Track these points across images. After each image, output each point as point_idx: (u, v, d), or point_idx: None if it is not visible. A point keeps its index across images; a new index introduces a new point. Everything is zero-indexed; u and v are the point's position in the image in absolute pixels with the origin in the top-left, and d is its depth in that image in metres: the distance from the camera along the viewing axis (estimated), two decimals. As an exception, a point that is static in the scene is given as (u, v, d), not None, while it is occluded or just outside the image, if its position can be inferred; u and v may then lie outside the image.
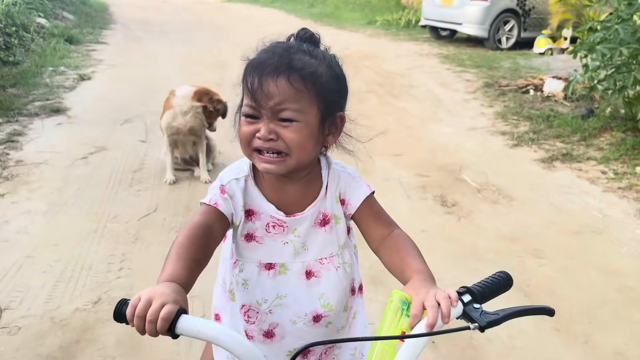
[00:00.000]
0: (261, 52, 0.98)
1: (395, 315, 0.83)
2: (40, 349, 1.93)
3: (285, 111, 0.92)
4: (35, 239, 2.68)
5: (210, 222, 0.97)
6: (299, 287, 1.04)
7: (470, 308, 0.85)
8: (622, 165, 4.00)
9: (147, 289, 0.77)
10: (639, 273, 2.63)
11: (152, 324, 0.74)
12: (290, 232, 1.04)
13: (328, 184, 1.05)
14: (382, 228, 1.03)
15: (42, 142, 3.98)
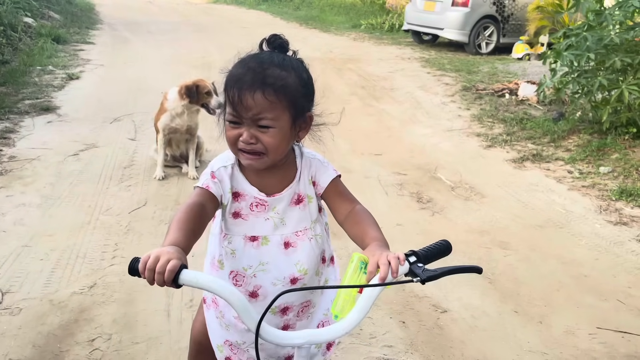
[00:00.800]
0: (237, 66, 1.15)
1: (355, 273, 1.02)
2: (41, 327, 2.10)
3: (263, 120, 1.11)
4: (31, 230, 2.83)
5: (204, 202, 1.16)
6: (278, 256, 1.24)
7: (415, 267, 1.04)
8: (587, 165, 4.27)
9: (155, 249, 0.95)
10: (594, 263, 2.88)
11: (160, 275, 0.92)
12: (271, 210, 1.24)
13: (301, 169, 1.25)
14: (346, 204, 1.23)
15: (34, 139, 4.12)
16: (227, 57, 1.32)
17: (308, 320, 1.33)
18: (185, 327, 2.12)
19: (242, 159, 1.17)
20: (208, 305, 1.35)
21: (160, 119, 3.67)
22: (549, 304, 2.48)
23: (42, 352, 1.96)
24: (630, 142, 4.48)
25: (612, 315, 2.40)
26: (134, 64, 7.19)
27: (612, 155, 4.35)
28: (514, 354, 2.12)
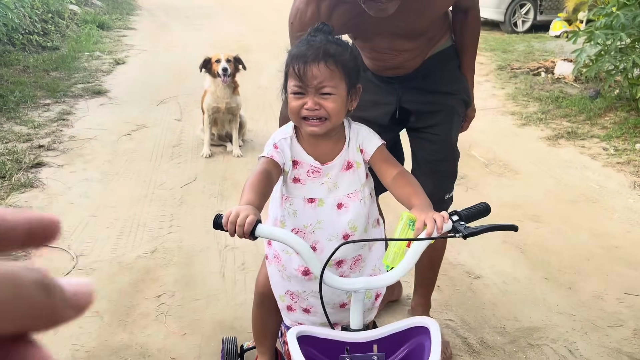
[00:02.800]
0: (298, 46, 1.32)
1: (404, 229, 1.16)
2: (113, 285, 2.37)
3: (325, 87, 1.28)
4: (96, 202, 3.12)
5: (269, 168, 1.33)
6: (332, 215, 1.40)
7: (457, 224, 1.17)
8: (623, 142, 4.29)
9: (235, 206, 1.13)
10: (625, 235, 2.97)
11: (241, 228, 1.08)
12: (325, 175, 1.40)
13: (350, 138, 1.41)
14: (391, 168, 1.38)
15: (90, 121, 4.43)
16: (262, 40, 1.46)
17: (360, 272, 1.47)
18: (239, 286, 2.36)
19: (305, 126, 1.32)
20: (270, 261, 1.49)
21: (204, 100, 3.92)
22: (578, 272, 2.61)
23: (116, 306, 2.23)
24: (667, 120, 4.48)
25: (604, 280, 2.52)
26: (174, 48, 7.47)
27: (650, 133, 4.36)
28: (542, 315, 2.27)
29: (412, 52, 1.75)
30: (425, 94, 1.81)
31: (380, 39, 1.70)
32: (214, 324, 2.14)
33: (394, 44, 1.70)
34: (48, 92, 5.01)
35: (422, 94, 1.82)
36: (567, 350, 2.06)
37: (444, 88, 1.82)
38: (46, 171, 3.47)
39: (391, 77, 1.82)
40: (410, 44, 1.72)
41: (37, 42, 6.67)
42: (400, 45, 1.71)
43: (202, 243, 2.71)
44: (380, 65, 1.80)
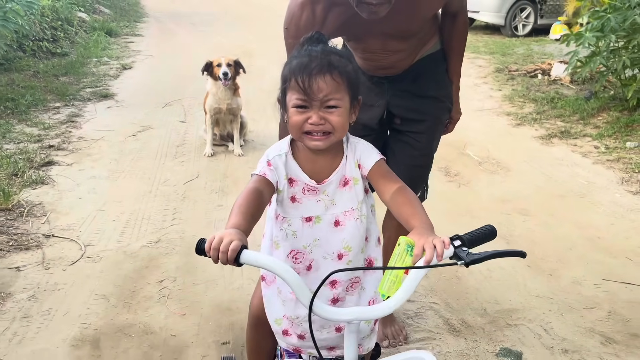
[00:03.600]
0: (297, 57, 1.26)
1: (401, 255, 1.08)
2: (119, 271, 2.54)
3: (331, 100, 1.23)
4: (103, 197, 3.30)
5: (261, 188, 1.27)
6: (328, 233, 1.35)
7: (459, 250, 1.07)
8: (614, 141, 4.43)
9: (219, 232, 1.05)
10: (609, 227, 3.10)
11: (224, 254, 1.02)
12: (321, 193, 1.34)
13: (347, 154, 1.35)
14: (390, 184, 1.30)
15: (97, 122, 4.63)
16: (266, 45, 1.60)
17: (358, 297, 1.41)
18: (236, 273, 2.52)
19: (307, 142, 1.27)
20: (268, 283, 1.43)
21: (206, 101, 4.12)
22: (560, 260, 2.75)
23: (122, 289, 2.40)
24: (658, 118, 4.60)
25: (618, 269, 2.65)
26: (180, 54, 7.69)
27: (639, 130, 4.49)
28: (522, 299, 2.41)
29: (404, 53, 1.81)
30: (413, 97, 1.86)
31: (372, 40, 1.73)
32: (212, 306, 2.30)
33: (386, 44, 1.74)
34: (58, 96, 5.23)
35: (410, 98, 1.86)
36: (543, 329, 2.20)
37: (432, 93, 1.88)
38: (56, 169, 3.66)
39: (382, 77, 1.86)
40: (402, 44, 1.77)
41: (47, 49, 6.91)
42: (392, 45, 1.75)
43: (203, 234, 2.84)
44: (372, 65, 1.84)
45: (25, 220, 2.96)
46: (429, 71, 1.86)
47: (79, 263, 2.60)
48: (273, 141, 1.41)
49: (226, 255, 1.03)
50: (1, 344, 2.03)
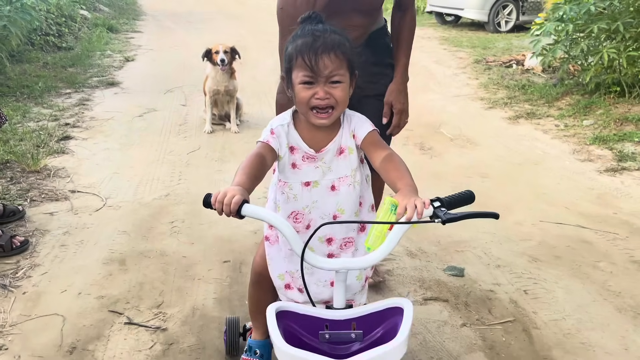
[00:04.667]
0: (301, 37, 1.40)
1: (386, 213, 1.19)
2: (136, 215, 3.08)
3: (335, 76, 1.37)
4: (117, 164, 3.84)
5: (264, 153, 1.44)
6: (325, 196, 1.51)
7: (438, 210, 1.19)
8: (573, 120, 5.00)
9: (224, 188, 1.20)
10: (555, 185, 3.66)
11: (227, 207, 1.17)
12: (319, 160, 1.50)
13: (344, 125, 1.50)
14: (380, 152, 1.44)
15: (106, 105, 5.17)
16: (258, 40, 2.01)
17: (352, 256, 1.54)
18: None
19: (313, 118, 1.42)
20: (272, 242, 1.57)
21: (206, 84, 4.66)
22: (508, 208, 3.29)
23: (139, 227, 2.94)
24: (614, 100, 5.18)
25: (555, 215, 3.20)
26: (179, 47, 8.26)
27: (597, 111, 5.06)
28: (472, 234, 2.96)
29: (364, 28, 2.02)
30: (373, 66, 2.04)
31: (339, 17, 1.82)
32: (215, 238, 2.84)
33: (351, 20, 1.89)
34: (68, 84, 5.77)
35: (368, 66, 1.95)
36: (483, 253, 2.76)
37: (387, 60, 2.14)
38: (73, 142, 4.20)
39: None
40: (364, 19, 1.98)
41: (53, 43, 7.44)
42: (356, 21, 1.93)
43: (206, 191, 3.39)
44: None
45: (52, 180, 3.50)
46: (380, 42, 2.12)
47: (101, 210, 3.13)
48: (266, 122, 1.60)
49: (229, 208, 1.18)
50: (45, 263, 2.56)
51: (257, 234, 2.83)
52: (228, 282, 2.45)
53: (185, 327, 2.15)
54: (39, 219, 2.98)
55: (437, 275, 2.57)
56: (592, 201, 3.40)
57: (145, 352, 2.01)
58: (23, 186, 3.35)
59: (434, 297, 2.40)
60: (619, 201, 3.39)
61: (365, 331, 1.25)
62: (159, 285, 2.42)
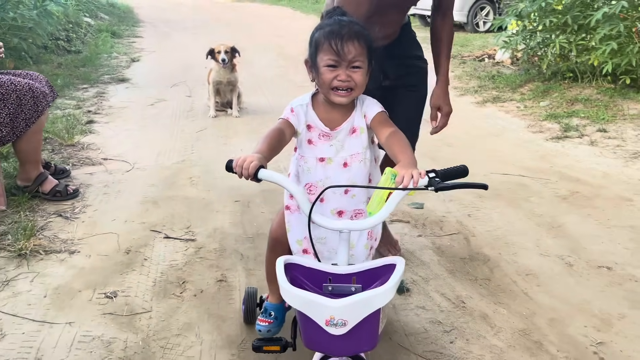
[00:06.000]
0: (328, 25, 1.58)
1: (386, 181, 1.36)
2: (160, 174, 3.83)
3: (357, 61, 1.55)
4: (138, 140, 4.60)
5: (283, 128, 1.64)
6: (338, 172, 1.68)
7: (433, 180, 1.37)
8: (532, 102, 5.82)
9: (245, 154, 1.41)
10: (508, 150, 4.45)
11: (246, 170, 1.38)
12: (334, 138, 1.67)
13: (357, 107, 1.68)
14: (386, 128, 1.61)
15: (121, 97, 5.94)
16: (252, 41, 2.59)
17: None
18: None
19: (334, 97, 1.59)
20: (292, 210, 1.73)
21: (210, 75, 5.44)
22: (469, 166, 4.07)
23: (164, 182, 3.70)
24: (568, 84, 6.02)
25: (503, 169, 3.99)
26: (179, 50, 9.06)
27: (553, 95, 5.89)
28: (433, 182, 3.73)
29: (398, 25, 2.19)
30: (402, 59, 2.23)
31: (378, 13, 2.03)
32: (226, 187, 3.59)
33: (388, 16, 2.06)
34: (83, 80, 6.53)
35: (400, 60, 2.22)
36: (440, 194, 3.51)
37: (417, 52, 2.33)
38: (97, 125, 4.96)
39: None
40: (399, 16, 2.13)
41: (63, 47, 8.21)
42: (393, 17, 2.10)
43: (215, 158, 4.18)
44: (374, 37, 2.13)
45: (86, 151, 4.26)
46: (408, 36, 2.31)
47: (131, 171, 3.89)
48: (262, 109, 2.24)
49: (248, 171, 1.38)
50: (94, 204, 3.31)
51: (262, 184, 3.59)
52: (240, 213, 3.22)
53: (209, 239, 2.91)
54: (81, 178, 3.73)
55: (403, 209, 3.34)
56: (535, 159, 4.20)
57: (182, 253, 2.77)
58: (64, 155, 4.10)
59: (398, 219, 3.17)
60: (557, 159, 4.20)
61: (364, 285, 1.42)
62: (186, 215, 3.18)
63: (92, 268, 2.61)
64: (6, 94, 3.04)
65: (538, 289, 2.51)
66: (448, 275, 2.62)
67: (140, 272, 2.59)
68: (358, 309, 1.27)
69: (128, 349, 2.06)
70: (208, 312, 2.29)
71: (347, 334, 1.28)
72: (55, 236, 2.89)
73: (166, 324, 2.21)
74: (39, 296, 2.37)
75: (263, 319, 1.95)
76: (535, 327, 2.24)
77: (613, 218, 3.19)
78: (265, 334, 1.91)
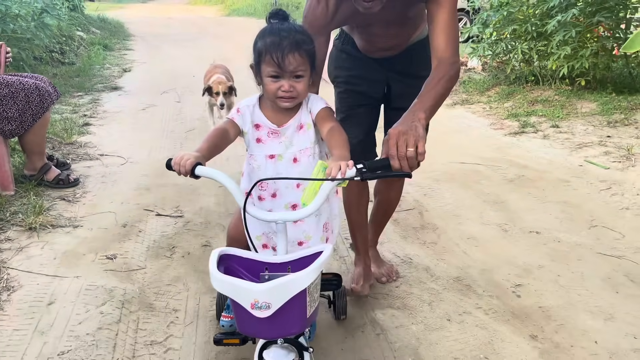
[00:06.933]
0: (268, 36, 1.63)
1: (317, 174, 1.46)
2: (151, 167, 4.29)
3: (299, 72, 1.63)
4: (131, 139, 5.05)
5: (228, 128, 1.73)
6: (288, 167, 1.76)
7: (360, 171, 1.46)
8: (497, 104, 6.35)
9: (182, 152, 1.53)
10: (469, 143, 4.95)
11: (183, 167, 1.49)
12: (282, 135, 1.75)
13: (303, 105, 1.75)
14: (327, 123, 1.71)
15: (114, 103, 6.41)
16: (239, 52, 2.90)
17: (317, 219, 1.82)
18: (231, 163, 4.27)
19: (280, 102, 1.68)
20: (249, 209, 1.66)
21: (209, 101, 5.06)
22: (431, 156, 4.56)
23: (156, 172, 4.15)
24: (530, 87, 6.57)
25: (461, 158, 4.49)
26: (169, 61, 9.57)
27: (517, 96, 6.43)
28: (397, 170, 4.22)
29: (402, 37, 2.13)
30: (408, 77, 2.17)
31: (377, 26, 2.03)
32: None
33: (388, 29, 2.05)
34: (78, 88, 7.00)
35: (405, 77, 2.20)
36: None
37: (422, 72, 2.05)
38: (93, 127, 5.41)
39: (380, 59, 2.20)
40: (400, 29, 2.08)
41: (57, 59, 8.67)
42: (393, 30, 2.06)
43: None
44: (373, 47, 2.17)
45: (84, 148, 4.71)
46: (420, 54, 2.12)
47: (125, 165, 4.34)
48: None
49: (185, 169, 1.47)
50: (93, 190, 3.76)
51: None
52: (223, 196, 3.68)
53: (196, 215, 3.37)
54: (80, 170, 4.17)
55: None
56: (491, 151, 4.71)
57: (172, 226, 3.22)
58: (63, 152, 4.55)
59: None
60: (511, 150, 4.71)
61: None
62: (176, 198, 3.64)
63: (94, 238, 3.05)
64: (15, 92, 3.49)
65: (476, 249, 2.98)
66: (400, 239, 3.09)
67: (135, 240, 3.04)
68: (280, 291, 1.33)
69: (127, 294, 2.51)
70: (194, 269, 2.75)
71: (272, 317, 1.34)
72: (60, 215, 3.33)
73: (158, 277, 2.66)
74: (50, 258, 2.81)
75: (226, 315, 2.12)
76: (467, 275, 2.71)
77: (550, 195, 3.69)
78: (228, 329, 2.08)
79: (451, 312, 2.42)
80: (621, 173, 4.03)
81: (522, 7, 6.33)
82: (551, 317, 2.38)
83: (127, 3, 27.29)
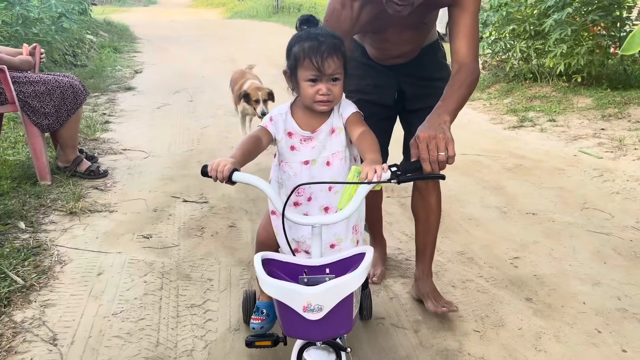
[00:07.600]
0: (306, 40, 1.67)
1: (352, 178, 1.51)
2: (173, 160, 4.61)
3: (336, 74, 1.67)
4: (150, 135, 5.38)
5: (261, 135, 1.77)
6: (322, 171, 1.80)
7: (395, 174, 1.50)
8: (497, 100, 6.68)
9: (219, 158, 1.55)
10: (470, 136, 5.27)
11: (220, 174, 1.52)
12: (315, 140, 1.79)
13: (334, 109, 1.79)
14: (358, 128, 1.74)
15: (130, 102, 6.74)
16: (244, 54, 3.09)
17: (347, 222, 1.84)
18: (242, 157, 4.60)
19: (318, 107, 1.70)
20: (278, 215, 1.73)
21: (240, 106, 4.65)
22: (432, 149, 4.89)
23: (178, 164, 4.48)
24: (529, 84, 6.89)
25: (462, 150, 4.80)
26: (177, 62, 9.91)
27: (516, 93, 6.76)
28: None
29: (415, 43, 2.13)
30: (420, 80, 2.20)
31: (392, 31, 2.03)
32: (230, 167, 4.38)
33: (402, 34, 2.05)
34: (94, 89, 7.33)
35: (418, 80, 2.21)
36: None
37: (437, 75, 2.21)
38: (113, 125, 5.74)
39: (391, 66, 2.22)
40: (415, 34, 2.08)
41: (70, 61, 9.01)
42: (407, 35, 2.06)
43: (219, 147, 4.97)
44: (385, 54, 2.20)
45: (107, 144, 5.04)
46: (431, 57, 2.22)
47: (148, 158, 4.67)
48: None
49: (222, 175, 1.51)
50: (122, 180, 4.09)
51: (258, 165, 4.36)
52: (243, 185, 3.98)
53: (219, 201, 3.69)
54: (107, 163, 4.50)
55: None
56: (491, 143, 5.03)
57: (198, 211, 3.55)
58: (89, 147, 4.87)
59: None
60: (510, 142, 5.03)
61: (337, 274, 1.51)
62: (199, 186, 3.96)
63: (129, 221, 3.38)
64: (52, 89, 3.82)
65: (477, 228, 3.31)
66: (408, 221, 3.41)
67: (167, 223, 3.37)
68: (332, 294, 1.38)
69: (165, 267, 2.83)
70: (223, 245, 3.07)
71: (323, 319, 1.38)
72: (95, 202, 3.65)
73: (192, 253, 2.98)
74: (92, 237, 3.13)
75: (256, 317, 2.13)
76: (470, 250, 3.04)
77: (545, 182, 4.01)
78: (259, 331, 2.09)
79: (455, 280, 2.74)
80: (613, 162, 4.35)
81: (521, 7, 6.65)
82: (544, 283, 2.70)
83: (130, 6, 27.68)
